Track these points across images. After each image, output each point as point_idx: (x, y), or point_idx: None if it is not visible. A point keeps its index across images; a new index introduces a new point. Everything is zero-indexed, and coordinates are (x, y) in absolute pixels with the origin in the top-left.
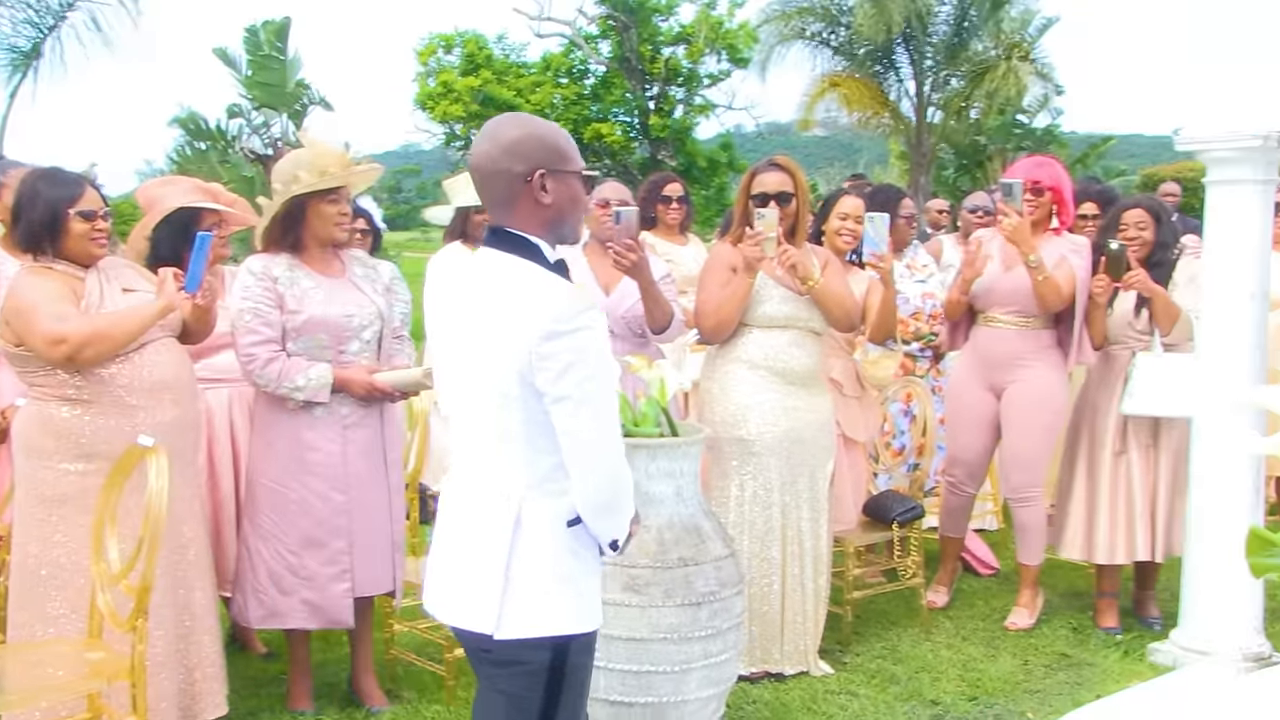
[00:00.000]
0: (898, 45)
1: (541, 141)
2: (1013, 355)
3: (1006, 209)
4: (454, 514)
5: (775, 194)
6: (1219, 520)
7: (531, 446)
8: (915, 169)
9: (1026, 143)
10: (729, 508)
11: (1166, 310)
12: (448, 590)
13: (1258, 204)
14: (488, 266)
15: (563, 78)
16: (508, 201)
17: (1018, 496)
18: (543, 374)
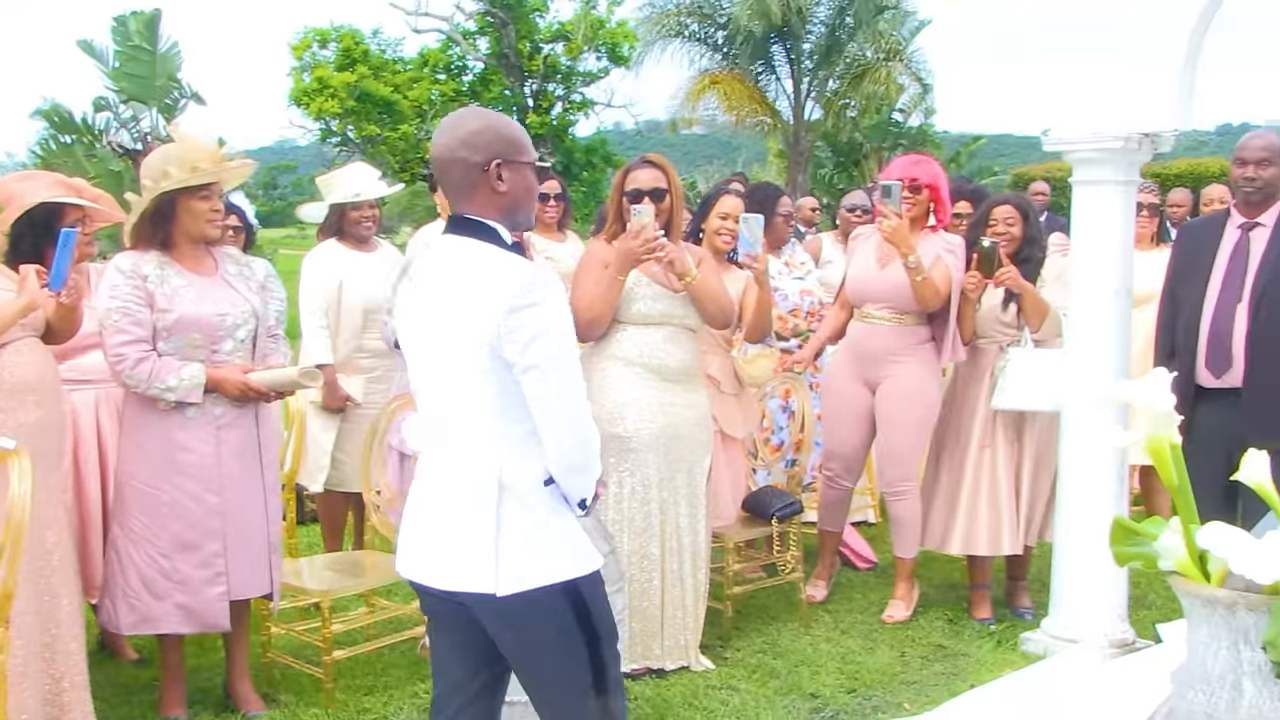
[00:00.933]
0: (775, 45)
1: (498, 133)
2: (887, 351)
3: (886, 210)
4: (434, 485)
5: (649, 190)
6: (1085, 511)
7: (506, 416)
8: (793, 167)
9: (902, 142)
10: (608, 505)
11: (1036, 306)
12: (439, 559)
13: (1120, 204)
14: (451, 250)
15: (440, 74)
16: (466, 189)
17: (892, 490)
18: (511, 345)
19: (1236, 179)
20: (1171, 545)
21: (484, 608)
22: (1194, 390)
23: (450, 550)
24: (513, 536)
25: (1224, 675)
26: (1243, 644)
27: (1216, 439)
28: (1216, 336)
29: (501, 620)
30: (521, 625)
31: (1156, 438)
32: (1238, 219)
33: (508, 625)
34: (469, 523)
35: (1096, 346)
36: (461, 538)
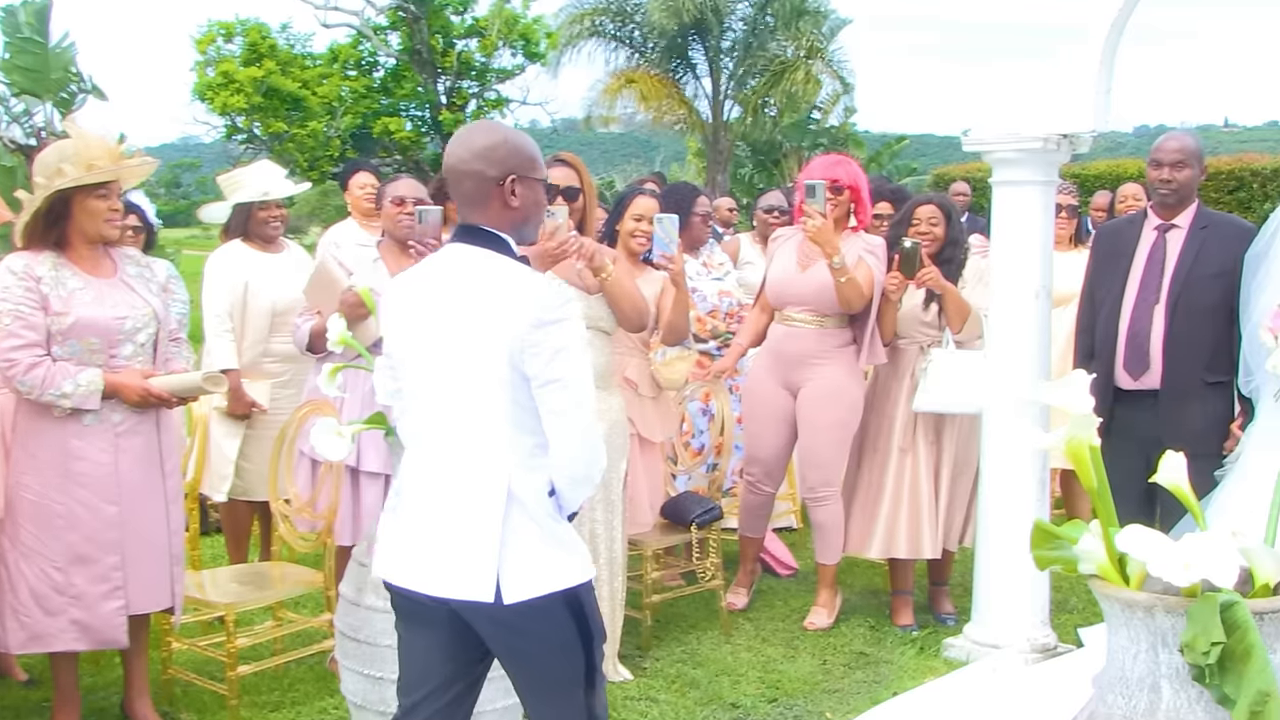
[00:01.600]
0: (694, 43)
1: (514, 149)
2: (808, 354)
3: (810, 210)
4: (435, 491)
5: (562, 189)
6: (1006, 515)
7: (516, 427)
8: (712, 167)
9: (822, 141)
10: None
11: (957, 307)
12: (437, 565)
13: (1040, 204)
14: (462, 260)
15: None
16: (479, 201)
17: (814, 495)
18: (533, 360)
19: (1152, 181)
20: (1091, 548)
21: (485, 615)
22: (1113, 392)
23: (453, 557)
24: (519, 545)
25: (1143, 678)
26: (1161, 647)
27: (1135, 441)
28: (1134, 338)
29: (503, 627)
30: (524, 631)
31: (1075, 440)
32: (1154, 220)
33: (510, 632)
34: (475, 531)
35: (1017, 348)
36: (467, 546)
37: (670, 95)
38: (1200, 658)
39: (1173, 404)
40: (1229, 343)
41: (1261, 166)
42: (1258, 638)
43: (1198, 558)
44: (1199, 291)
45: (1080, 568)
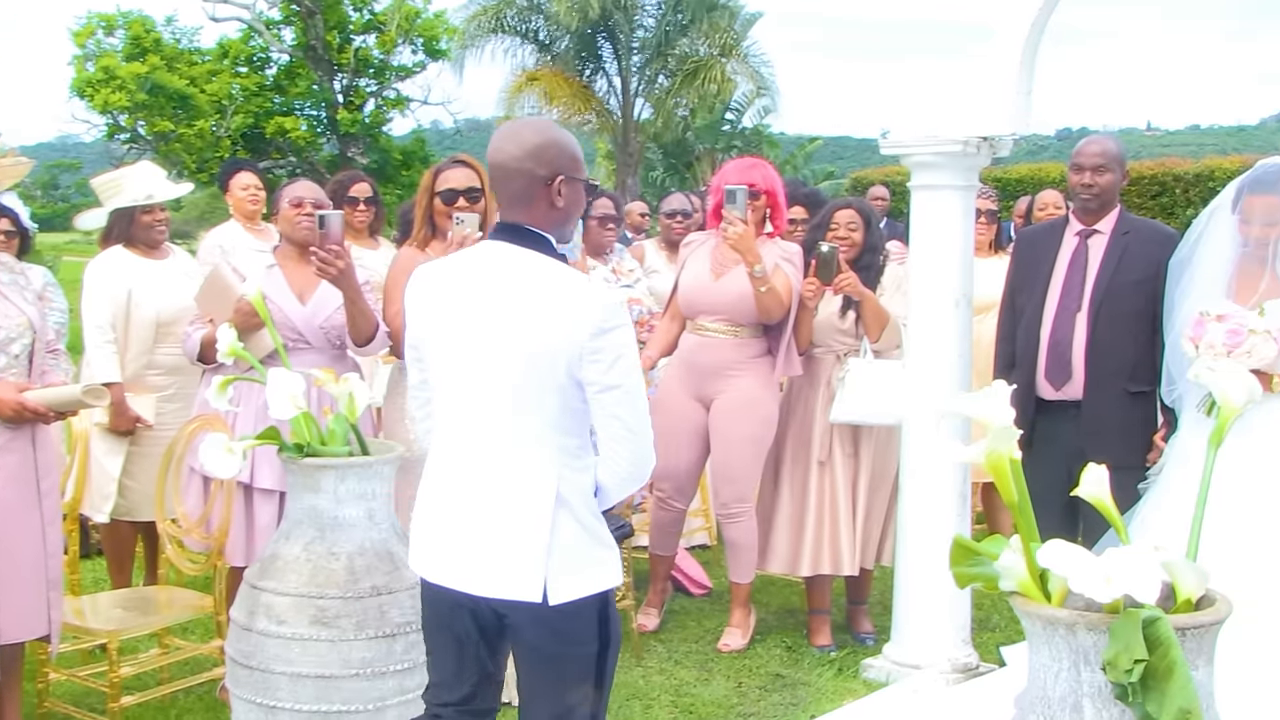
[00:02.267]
0: (602, 40)
1: (562, 149)
2: (722, 365)
3: (731, 217)
4: (479, 491)
5: (464, 190)
6: (926, 530)
7: (563, 429)
8: (622, 169)
9: (736, 143)
10: None
11: (876, 315)
12: (481, 565)
13: (959, 209)
14: (507, 259)
15: (241, 67)
16: (525, 200)
17: (727, 512)
18: (594, 366)
19: (1074, 186)
20: (1012, 565)
21: (528, 615)
22: (1034, 403)
23: (501, 557)
24: (566, 546)
25: (1065, 697)
26: (1083, 665)
27: (1057, 453)
28: (1056, 347)
29: (543, 627)
30: (560, 631)
31: (996, 453)
32: (1076, 226)
33: (548, 631)
34: (524, 532)
35: (936, 357)
36: (515, 546)
37: (578, 95)
38: (1123, 675)
39: (1095, 414)
40: (1152, 351)
41: (1184, 171)
42: (1180, 654)
43: (1119, 573)
44: (1121, 299)
45: (1001, 584)
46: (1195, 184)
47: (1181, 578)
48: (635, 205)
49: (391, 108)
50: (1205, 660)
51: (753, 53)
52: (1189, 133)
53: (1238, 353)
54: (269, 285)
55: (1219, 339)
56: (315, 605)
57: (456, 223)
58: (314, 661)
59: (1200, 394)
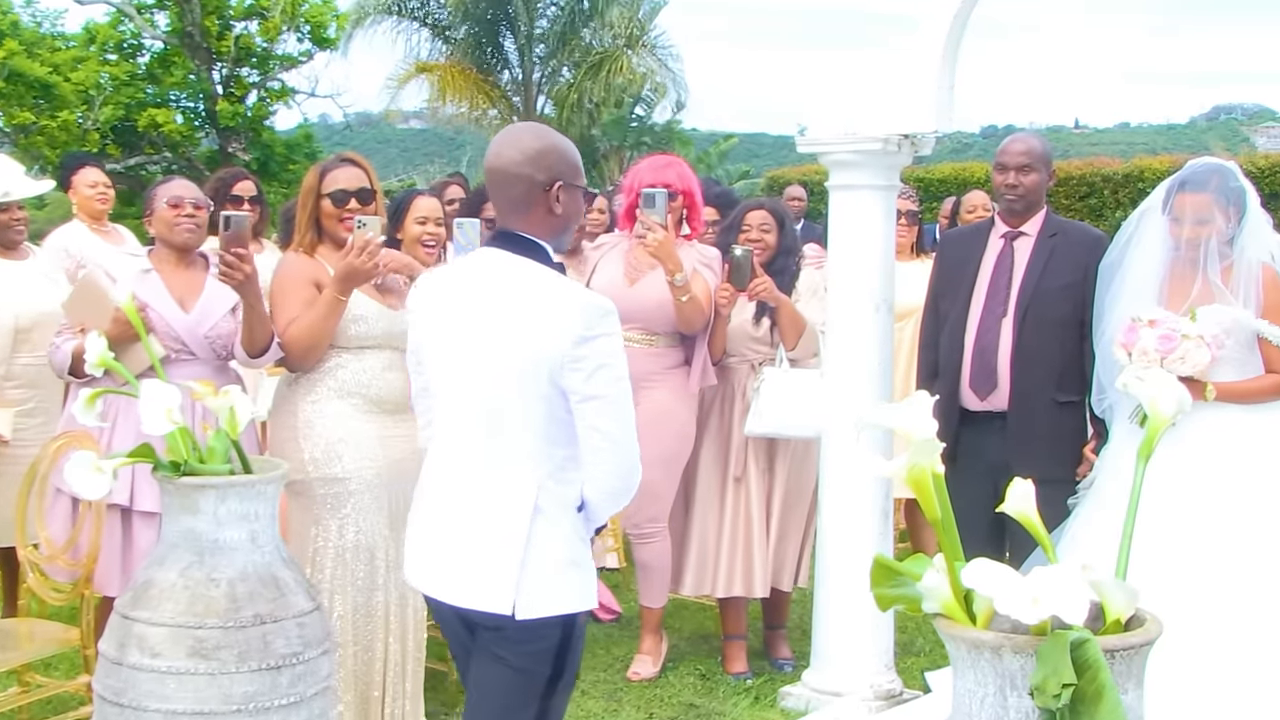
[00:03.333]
0: (504, 29)
1: (562, 155)
2: (636, 376)
3: (649, 222)
4: (462, 500)
5: (355, 191)
6: (846, 549)
7: (549, 440)
8: None
9: (645, 140)
10: (326, 560)
11: (792, 321)
12: (456, 573)
13: (880, 210)
14: (501, 267)
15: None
16: (523, 206)
17: (639, 532)
18: (575, 375)
19: (998, 186)
20: (936, 585)
21: (493, 628)
22: (958, 414)
23: (473, 567)
24: (540, 560)
25: None
26: (1010, 690)
27: (982, 467)
28: (981, 354)
29: (506, 642)
30: (518, 644)
31: (918, 467)
32: (1001, 228)
33: (507, 643)
34: (498, 542)
35: (856, 366)
36: (488, 556)
37: (478, 87)
38: (1050, 700)
39: (1021, 426)
40: (1080, 359)
41: (1113, 172)
42: (1109, 677)
43: (1046, 593)
44: (1048, 304)
45: (924, 606)
46: (1124, 184)
47: (1110, 597)
48: None
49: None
50: (1135, 683)
51: (660, 43)
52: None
53: (1171, 359)
54: (146, 292)
55: (1151, 345)
56: (193, 636)
57: (358, 225)
58: (191, 697)
59: (1133, 404)
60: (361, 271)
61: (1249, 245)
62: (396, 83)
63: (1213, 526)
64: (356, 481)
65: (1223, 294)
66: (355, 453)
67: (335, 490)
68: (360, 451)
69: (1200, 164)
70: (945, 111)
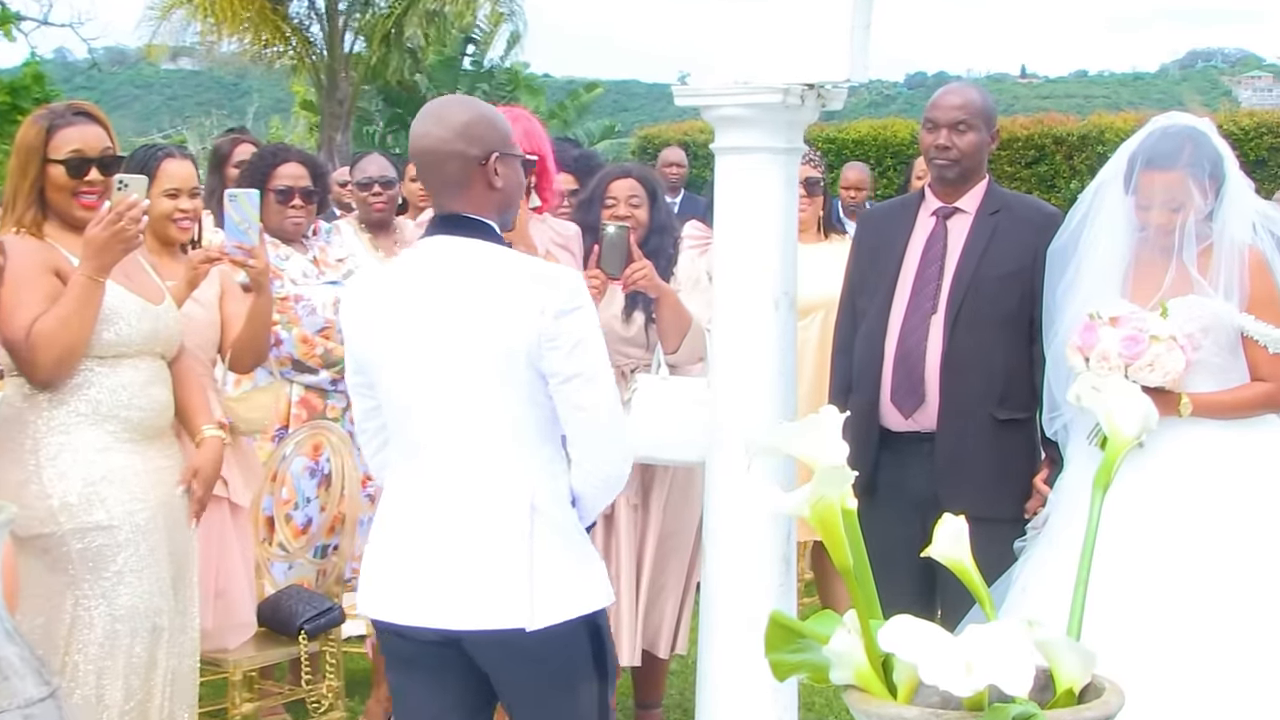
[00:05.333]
0: None
1: (492, 125)
2: None
3: None
4: (446, 513)
5: (98, 158)
6: (737, 605)
7: (536, 433)
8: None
9: (482, 87)
10: (92, 635)
11: (675, 318)
12: (452, 597)
13: (779, 180)
14: (452, 253)
15: None
16: (460, 185)
17: None
18: (553, 353)
19: (927, 149)
20: (846, 649)
21: (508, 645)
22: (878, 435)
23: (477, 583)
24: (546, 564)
25: None
26: None
27: (906, 501)
28: (905, 361)
29: (524, 658)
30: (545, 661)
31: (825, 501)
32: (933, 203)
33: (531, 662)
34: (500, 553)
35: (750, 375)
36: (492, 568)
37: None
38: None
39: (954, 450)
40: (1028, 367)
41: (1067, 132)
42: None
43: (983, 658)
44: (989, 297)
45: (832, 675)
46: (1081, 148)
47: (1061, 662)
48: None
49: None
50: None
51: None
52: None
53: (1138, 365)
54: None
55: (1113, 349)
56: None
57: (119, 186)
58: None
59: (1090, 421)
60: (119, 241)
61: (1231, 222)
62: (158, 12)
63: (1185, 571)
64: (127, 530)
65: (1200, 285)
66: (121, 493)
67: (99, 543)
68: (128, 491)
69: (1166, 128)
70: (860, 56)
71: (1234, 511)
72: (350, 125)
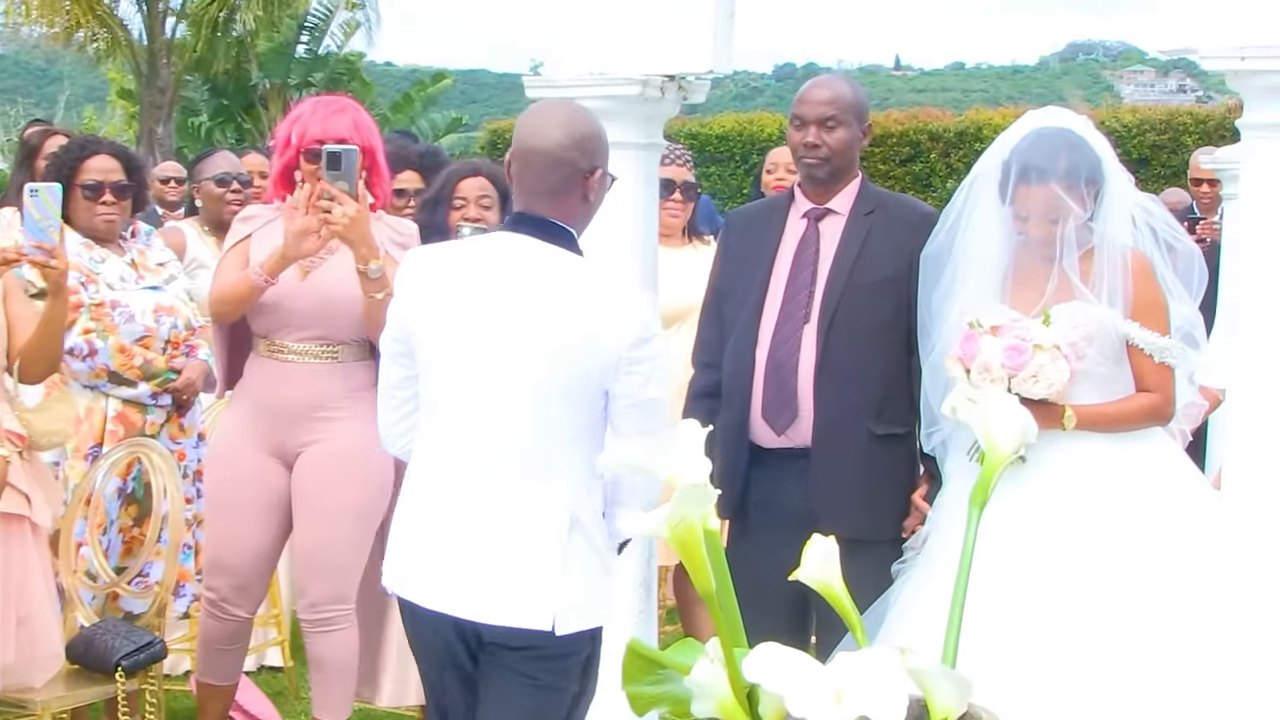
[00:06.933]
0: None
1: (603, 142)
2: (313, 403)
3: (336, 191)
4: (485, 510)
5: None
6: None
7: (582, 446)
8: (149, 112)
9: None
10: None
11: None
12: (481, 589)
13: (638, 178)
14: (532, 255)
15: None
16: (560, 192)
17: (317, 618)
18: (630, 379)
19: (794, 146)
20: (709, 680)
21: (522, 647)
22: (748, 451)
23: (507, 582)
24: (577, 572)
25: None
26: None
27: (779, 522)
28: (776, 374)
29: (538, 660)
30: (554, 665)
31: (685, 522)
32: (803, 204)
33: (543, 664)
34: (535, 557)
35: None
36: (524, 572)
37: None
38: None
39: (829, 467)
40: (907, 378)
41: (944, 128)
42: None
43: (853, 687)
44: (864, 304)
45: (694, 708)
46: (958, 145)
47: (936, 690)
48: (167, 167)
49: None
50: None
51: None
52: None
53: (1021, 377)
54: None
55: (996, 359)
56: None
57: None
58: None
59: (970, 437)
60: None
61: (1112, 225)
62: None
63: (1066, 593)
64: None
65: (1082, 292)
66: None
67: None
68: None
69: (1041, 130)
70: (724, 46)
71: (1117, 530)
72: (172, 117)
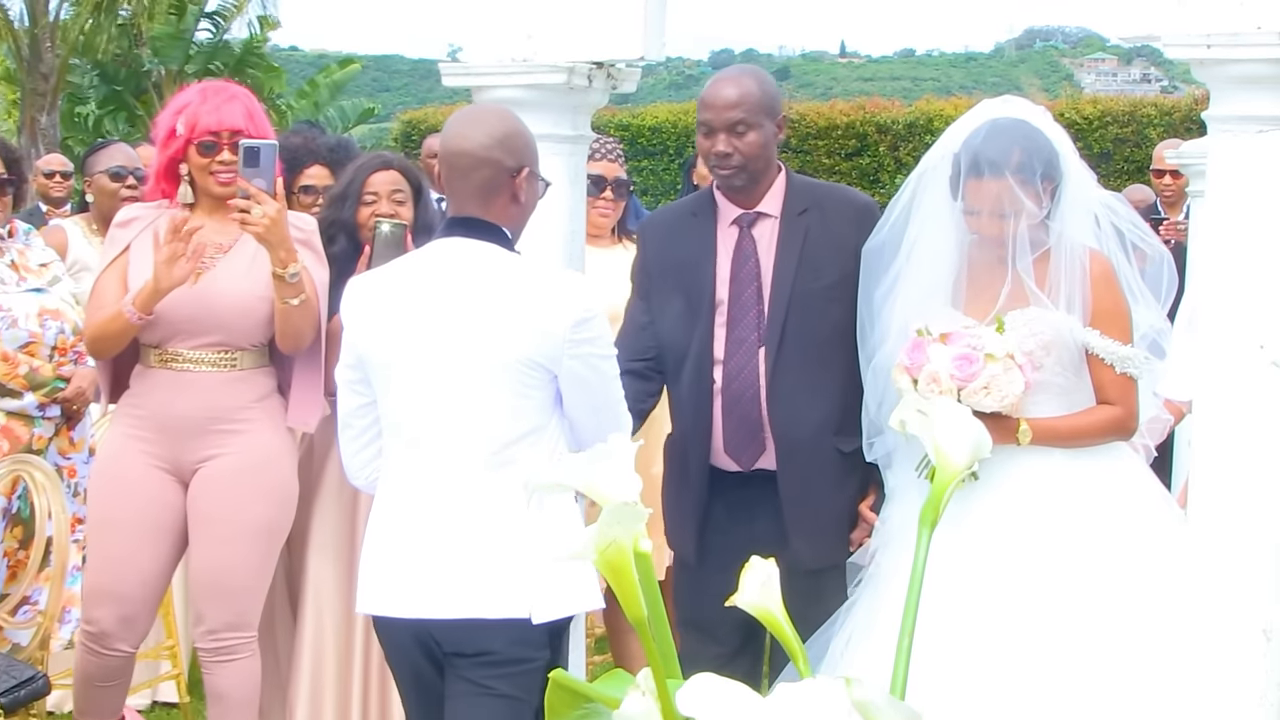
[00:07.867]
0: None
1: (527, 140)
2: (210, 414)
3: (254, 190)
4: (453, 506)
5: None
6: None
7: (544, 433)
8: (33, 100)
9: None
10: None
11: None
12: (454, 588)
13: (564, 173)
14: (468, 256)
15: None
16: (488, 193)
17: (217, 645)
18: (574, 360)
19: (706, 156)
20: (640, 713)
21: (482, 651)
22: (708, 474)
23: (478, 576)
24: (549, 558)
25: None
26: None
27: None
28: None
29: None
30: (510, 673)
31: (614, 545)
32: (730, 210)
33: (498, 674)
34: (506, 544)
35: None
36: (496, 561)
37: None
38: None
39: (798, 492)
40: None
41: (893, 119)
42: None
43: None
44: (813, 313)
45: None
46: (908, 137)
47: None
48: (51, 160)
49: None
50: None
51: None
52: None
53: (972, 388)
54: None
55: (945, 369)
56: None
57: None
58: None
59: (919, 449)
60: None
61: (1070, 225)
62: None
63: (1023, 620)
64: None
65: (1037, 297)
66: None
67: None
68: None
69: (995, 121)
70: (656, 31)
71: (1075, 553)
72: (57, 105)
